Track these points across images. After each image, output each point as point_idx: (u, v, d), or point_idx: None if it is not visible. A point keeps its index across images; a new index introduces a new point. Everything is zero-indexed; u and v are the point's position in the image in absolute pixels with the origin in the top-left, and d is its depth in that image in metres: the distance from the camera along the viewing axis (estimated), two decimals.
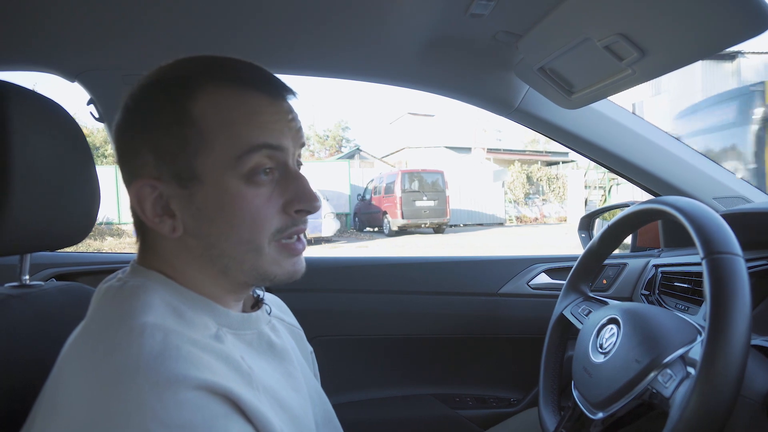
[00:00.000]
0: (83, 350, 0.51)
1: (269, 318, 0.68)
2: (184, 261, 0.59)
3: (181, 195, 0.56)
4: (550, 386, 0.99)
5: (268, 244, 0.58)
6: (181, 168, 0.56)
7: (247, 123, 0.56)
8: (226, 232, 0.56)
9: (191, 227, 0.57)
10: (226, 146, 0.55)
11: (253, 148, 0.56)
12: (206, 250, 0.58)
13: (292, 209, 0.59)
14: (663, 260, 1.35)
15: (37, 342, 0.66)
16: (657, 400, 0.68)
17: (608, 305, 0.90)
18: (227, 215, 0.56)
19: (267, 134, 0.57)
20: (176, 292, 0.58)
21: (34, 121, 0.67)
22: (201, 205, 0.56)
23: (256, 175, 0.56)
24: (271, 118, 0.58)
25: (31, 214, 0.66)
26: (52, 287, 0.78)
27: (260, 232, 0.57)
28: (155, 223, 0.57)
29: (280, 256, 0.59)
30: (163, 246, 0.60)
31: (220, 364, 0.51)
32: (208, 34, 1.09)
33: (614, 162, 1.29)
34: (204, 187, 0.56)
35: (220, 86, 0.57)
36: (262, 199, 0.57)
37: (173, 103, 0.56)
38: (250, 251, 0.58)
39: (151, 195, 0.57)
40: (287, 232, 0.59)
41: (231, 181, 0.56)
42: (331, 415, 0.75)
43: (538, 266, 1.49)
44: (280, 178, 0.59)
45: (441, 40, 1.09)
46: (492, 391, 1.50)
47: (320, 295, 1.47)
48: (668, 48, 0.82)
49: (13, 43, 1.10)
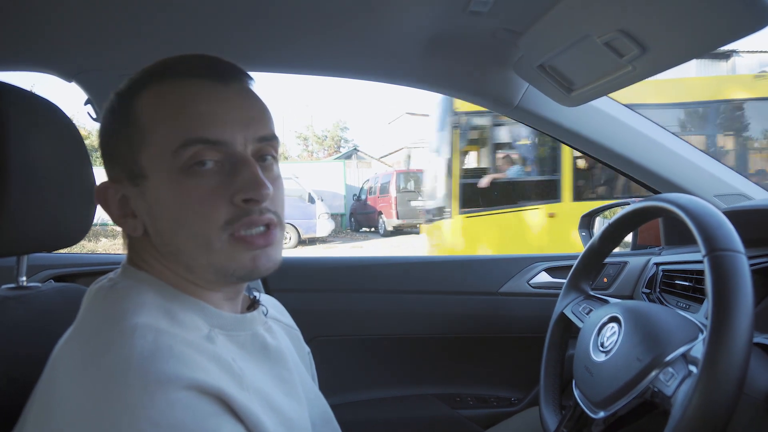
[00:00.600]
0: (75, 351, 0.51)
1: (265, 319, 0.68)
2: (156, 259, 0.60)
3: (135, 194, 0.58)
4: (551, 385, 0.99)
5: (218, 238, 0.55)
6: (130, 167, 0.57)
7: (181, 115, 0.55)
8: (174, 226, 0.56)
9: (148, 225, 0.58)
10: (162, 141, 0.55)
11: (188, 141, 0.54)
12: (164, 247, 0.58)
13: (239, 199, 0.55)
14: (664, 258, 1.35)
15: (34, 343, 0.65)
16: (659, 398, 0.67)
17: (609, 303, 0.90)
18: (171, 209, 0.56)
19: (204, 127, 0.55)
20: (166, 293, 0.58)
21: (31, 122, 0.67)
22: (152, 201, 0.57)
23: (196, 166, 0.55)
24: (210, 107, 0.56)
25: (29, 215, 0.65)
26: (49, 288, 0.78)
27: (206, 224, 0.55)
28: (121, 222, 0.59)
29: (234, 250, 0.56)
30: (139, 246, 0.61)
31: (211, 365, 0.51)
32: (205, 34, 1.09)
33: (614, 159, 1.29)
34: (150, 182, 0.57)
35: (161, 82, 0.58)
36: (205, 190, 0.55)
37: (122, 106, 0.58)
38: (199, 246, 0.56)
39: (114, 196, 0.59)
40: (239, 223, 0.56)
41: (170, 174, 0.55)
42: (329, 417, 0.74)
43: (539, 265, 1.49)
44: (229, 168, 0.56)
45: (440, 37, 1.08)
46: (493, 390, 1.49)
47: (319, 295, 1.46)
48: (669, 44, 0.81)
49: (11, 44, 1.10)
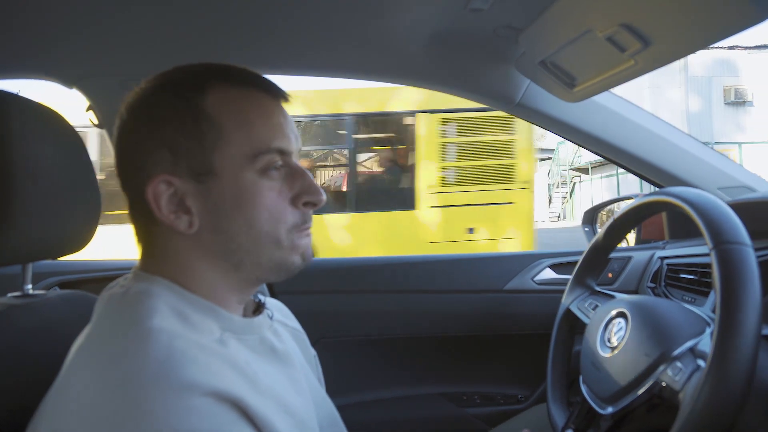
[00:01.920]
0: (90, 358, 0.51)
1: (271, 323, 0.68)
2: (195, 258, 0.60)
3: (197, 190, 0.58)
4: (558, 381, 0.99)
5: (287, 237, 0.60)
6: (197, 163, 0.57)
7: (263, 124, 0.59)
8: (245, 225, 0.58)
9: (208, 222, 0.58)
10: (243, 143, 0.58)
11: (267, 150, 0.58)
12: (223, 244, 0.59)
13: (300, 202, 0.61)
14: (668, 252, 1.35)
15: (42, 351, 0.65)
16: (667, 393, 0.67)
17: (615, 299, 0.89)
18: (245, 209, 0.58)
19: (280, 138, 0.60)
20: (180, 296, 0.58)
21: (34, 129, 0.67)
22: (218, 199, 0.57)
23: (269, 170, 0.59)
24: (280, 121, 0.61)
25: (33, 222, 0.65)
26: (55, 296, 0.78)
27: (278, 224, 0.59)
28: (171, 219, 0.57)
29: (298, 240, 0.62)
30: (171, 246, 0.60)
31: (226, 369, 0.51)
32: (207, 39, 1.09)
33: (617, 154, 1.29)
34: (220, 181, 0.57)
35: (227, 86, 0.59)
36: (276, 194, 0.59)
37: (186, 100, 0.58)
38: (269, 243, 0.59)
39: (167, 191, 0.57)
40: (301, 227, 0.62)
41: (247, 175, 0.58)
42: (335, 419, 0.75)
43: (543, 261, 1.49)
44: (286, 174, 0.61)
45: (441, 35, 1.08)
46: (499, 388, 1.49)
47: (323, 297, 1.46)
48: (672, 37, 0.81)
49: (11, 52, 1.10)
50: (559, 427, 0.91)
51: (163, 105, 0.59)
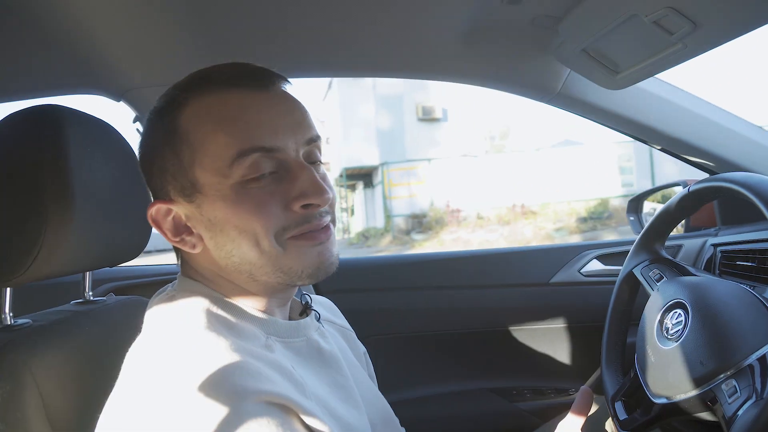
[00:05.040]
0: (143, 368, 0.52)
1: (318, 324, 0.68)
2: (216, 274, 0.60)
3: (191, 210, 0.57)
4: (613, 346, 0.95)
5: (277, 244, 0.55)
6: (182, 183, 0.56)
7: (233, 126, 0.55)
8: (237, 238, 0.55)
9: (209, 240, 0.57)
10: (217, 153, 0.55)
11: (244, 151, 0.54)
12: (227, 259, 0.57)
13: (297, 205, 0.56)
14: (722, 239, 1.30)
15: (105, 354, 0.68)
16: (717, 409, 0.64)
17: (680, 281, 0.83)
18: (232, 221, 0.55)
19: (257, 135, 0.55)
20: (222, 304, 0.58)
21: (89, 143, 0.69)
22: (210, 215, 0.56)
23: (252, 176, 0.54)
24: (258, 116, 0.56)
25: (92, 233, 0.68)
26: (113, 301, 0.81)
27: (264, 233, 0.55)
28: (176, 242, 0.58)
29: (299, 249, 0.57)
30: (197, 262, 0.61)
31: (275, 374, 0.52)
32: (248, 45, 1.11)
33: (666, 142, 1.25)
34: (207, 198, 0.56)
35: (202, 95, 0.57)
36: (265, 199, 0.55)
37: (165, 124, 0.57)
38: (263, 253, 0.56)
39: (166, 216, 0.58)
40: (294, 231, 0.56)
41: (228, 186, 0.54)
42: (389, 415, 0.74)
43: (590, 253, 1.46)
44: (283, 174, 0.56)
45: (477, 30, 1.07)
46: (549, 382, 1.47)
47: (369, 295, 1.47)
48: (723, 18, 0.78)
49: (62, 70, 1.14)
50: (609, 395, 0.89)
51: (151, 130, 0.59)
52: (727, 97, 15.86)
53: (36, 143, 0.63)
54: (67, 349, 0.66)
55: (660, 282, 0.87)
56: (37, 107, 0.66)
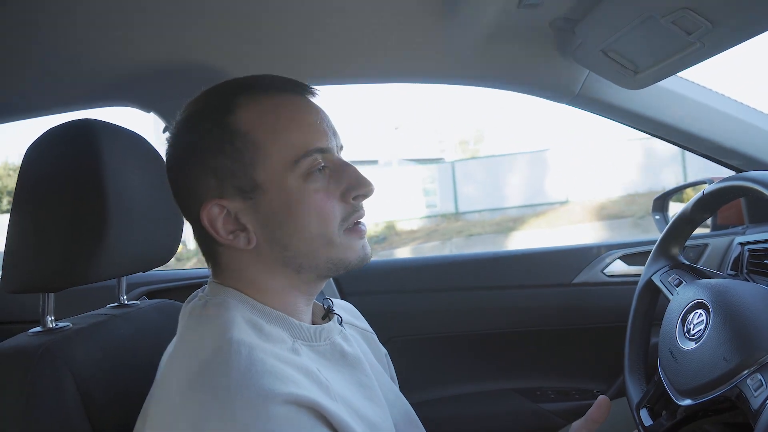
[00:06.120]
0: (179, 371, 0.55)
1: (341, 328, 0.69)
2: (259, 270, 0.62)
3: (247, 207, 0.59)
4: (636, 355, 0.95)
5: (338, 234, 0.61)
6: (242, 182, 0.58)
7: (297, 128, 0.60)
8: (297, 231, 0.59)
9: (264, 235, 0.60)
10: (281, 153, 0.58)
11: (308, 151, 0.59)
12: (281, 253, 0.60)
13: (350, 197, 0.61)
14: (750, 237, 1.27)
15: (141, 357, 0.72)
16: (742, 405, 0.64)
17: (699, 284, 0.83)
18: (295, 216, 0.59)
19: (317, 137, 0.60)
20: (252, 307, 0.60)
21: (122, 154, 0.73)
22: (268, 212, 0.59)
23: (312, 173, 0.59)
24: (314, 120, 0.61)
25: (127, 240, 0.72)
26: (147, 305, 0.85)
27: (328, 224, 0.60)
28: (230, 240, 0.60)
29: (350, 241, 0.62)
30: (235, 262, 0.62)
31: (301, 377, 0.53)
32: (278, 56, 1.14)
33: (690, 141, 1.23)
34: (267, 194, 0.58)
35: (255, 98, 0.60)
36: (323, 194, 0.60)
37: (217, 123, 0.59)
38: (322, 245, 0.60)
39: (220, 215, 0.59)
40: (351, 219, 0.62)
41: (291, 183, 0.58)
42: (411, 416, 0.75)
43: (613, 253, 1.44)
44: (331, 171, 0.62)
45: (495, 34, 1.08)
46: (573, 383, 1.46)
47: (392, 297, 1.49)
48: (740, 16, 0.77)
49: (94, 84, 1.19)
50: (634, 403, 0.88)
51: (197, 132, 0.60)
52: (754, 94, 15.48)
53: (73, 157, 0.67)
54: (105, 350, 0.69)
55: (680, 287, 0.87)
56: (72, 122, 0.70)
